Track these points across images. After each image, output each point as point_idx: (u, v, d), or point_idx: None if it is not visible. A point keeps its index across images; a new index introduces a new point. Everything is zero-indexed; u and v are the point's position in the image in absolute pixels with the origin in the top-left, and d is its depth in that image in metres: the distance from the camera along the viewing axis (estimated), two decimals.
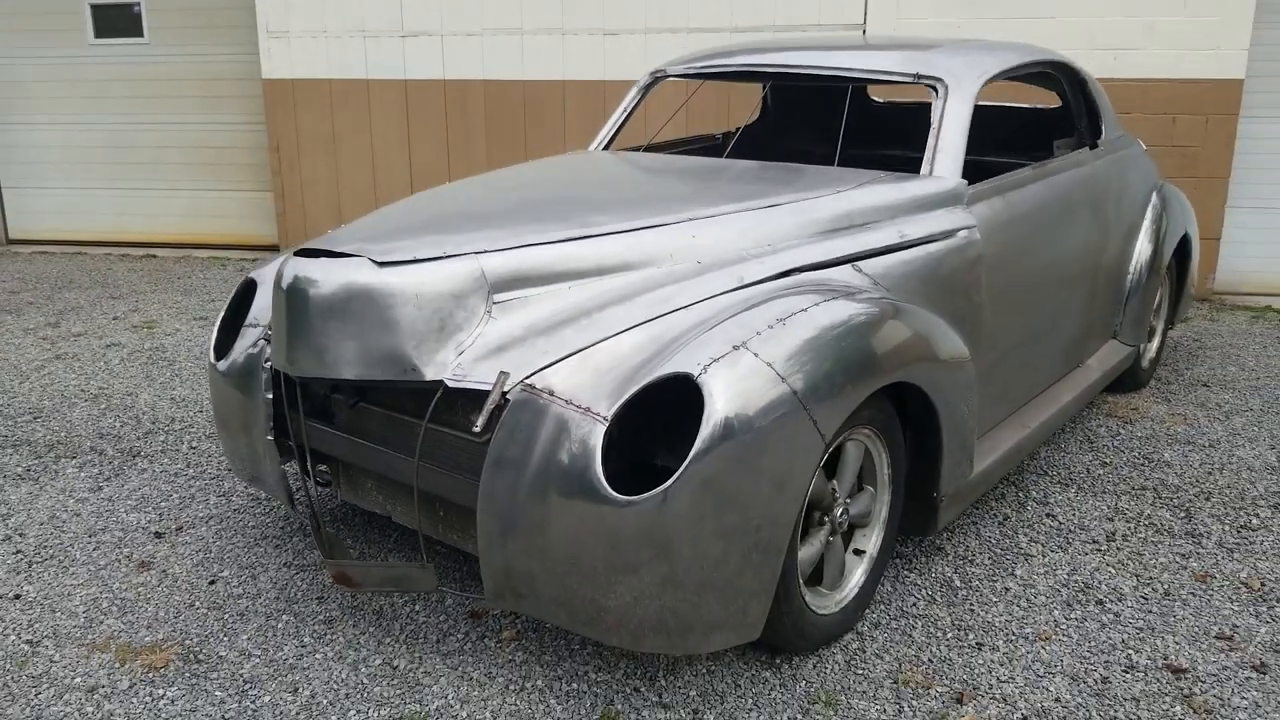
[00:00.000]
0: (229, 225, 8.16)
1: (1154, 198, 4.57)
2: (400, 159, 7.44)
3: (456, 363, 2.55)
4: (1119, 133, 4.49)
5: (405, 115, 7.37)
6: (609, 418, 2.32)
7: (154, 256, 7.98)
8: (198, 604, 2.95)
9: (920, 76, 3.43)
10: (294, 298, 2.61)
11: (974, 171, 4.51)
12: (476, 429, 2.42)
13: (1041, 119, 4.78)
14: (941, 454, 2.91)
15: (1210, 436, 4.22)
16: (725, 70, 3.87)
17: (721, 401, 2.28)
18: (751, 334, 2.43)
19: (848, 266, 2.91)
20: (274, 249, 8.01)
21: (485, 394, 2.48)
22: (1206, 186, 6.25)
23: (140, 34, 7.92)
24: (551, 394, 2.40)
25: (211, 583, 3.07)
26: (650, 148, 4.30)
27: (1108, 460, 3.99)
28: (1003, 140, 4.80)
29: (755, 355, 2.37)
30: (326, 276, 2.58)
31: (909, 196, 3.15)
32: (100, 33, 7.99)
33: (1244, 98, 6.16)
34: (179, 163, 8.12)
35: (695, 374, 2.31)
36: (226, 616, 2.89)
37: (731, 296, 2.69)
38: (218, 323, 3.22)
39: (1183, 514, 3.54)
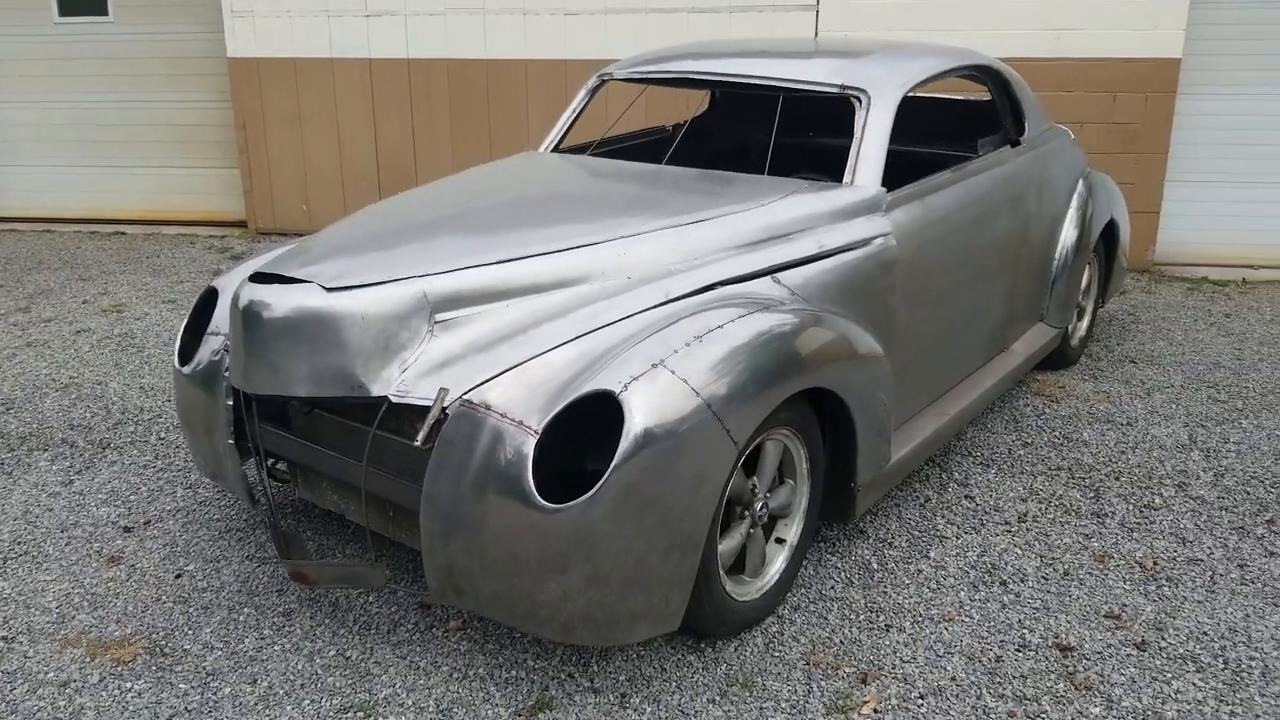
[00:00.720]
0: (197, 202, 8.27)
1: (1079, 185, 4.79)
2: (365, 137, 7.56)
3: (401, 379, 2.75)
4: (1045, 127, 4.69)
5: (370, 94, 7.46)
6: (540, 430, 2.53)
7: (123, 234, 8.09)
8: (164, 598, 3.17)
9: (845, 87, 3.61)
10: (249, 321, 2.79)
11: (904, 166, 4.70)
12: (418, 441, 2.62)
13: (973, 111, 4.97)
14: (856, 448, 3.14)
15: (1129, 414, 4.47)
16: (667, 76, 4.03)
17: (640, 416, 2.48)
18: (670, 351, 2.63)
19: (768, 278, 3.11)
20: (241, 225, 8.13)
21: (427, 409, 2.68)
22: (1146, 162, 6.45)
23: (105, 12, 7.96)
24: (488, 408, 2.60)
25: (177, 576, 3.29)
26: (602, 144, 4.46)
27: (1029, 440, 4.23)
28: (934, 132, 4.98)
29: (672, 372, 2.58)
30: (279, 301, 2.76)
31: (829, 208, 3.35)
32: (65, 10, 8.02)
33: (1181, 75, 6.34)
34: (147, 140, 8.20)
35: (617, 391, 2.52)
36: (191, 610, 3.11)
37: (658, 311, 2.89)
38: (182, 328, 3.41)
39: (1092, 494, 3.79)
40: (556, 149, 4.30)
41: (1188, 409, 4.52)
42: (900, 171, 4.58)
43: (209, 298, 3.43)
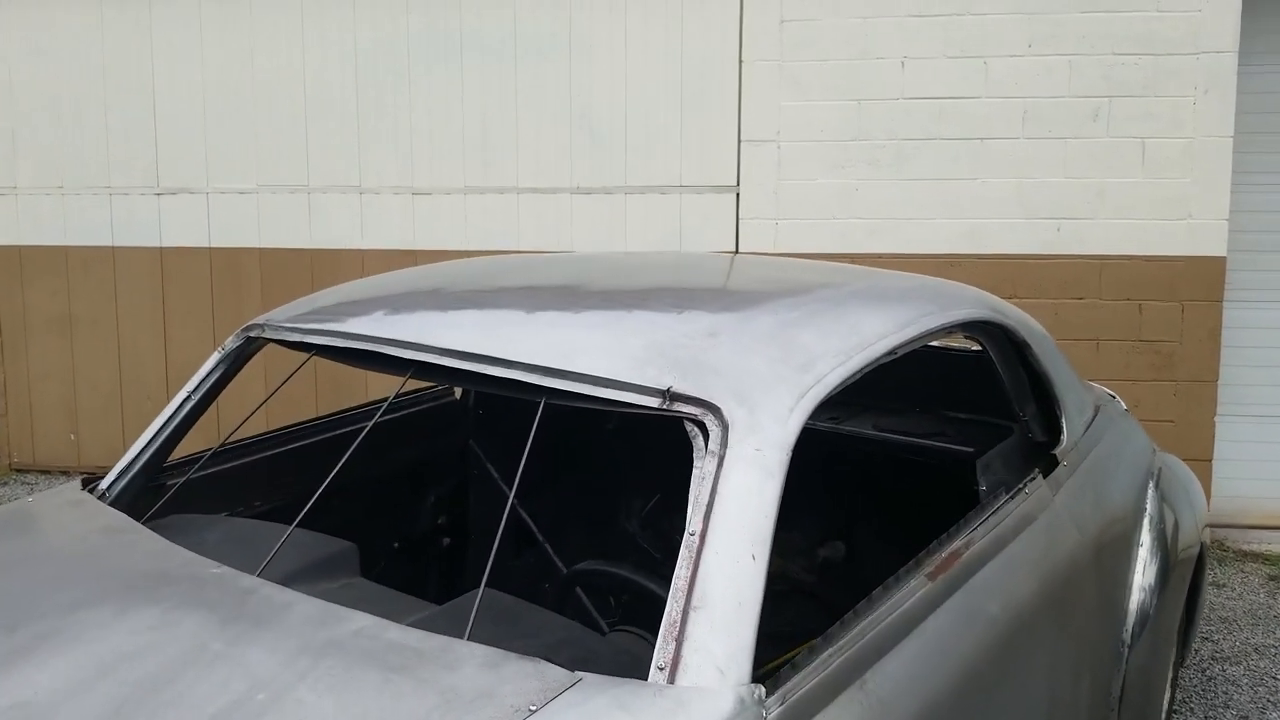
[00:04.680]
0: None
1: (1150, 501, 2.79)
2: (153, 346, 5.73)
3: None
4: (1089, 412, 2.79)
5: (160, 291, 5.69)
6: None
7: None
8: None
9: (672, 399, 1.70)
10: None
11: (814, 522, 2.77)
12: None
13: (961, 373, 3.09)
14: None
15: None
16: (345, 346, 2.12)
17: None
18: None
19: None
20: None
21: None
22: (1189, 394, 4.76)
23: None
24: None
25: None
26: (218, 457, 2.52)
27: None
28: (887, 412, 3.08)
29: None
30: None
31: None
32: None
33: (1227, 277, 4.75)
34: None
35: None
36: None
37: None
38: None
39: None
40: (112, 488, 2.28)
41: None
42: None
43: None
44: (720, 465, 1.59)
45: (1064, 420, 2.50)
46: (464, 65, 5.23)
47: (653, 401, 1.70)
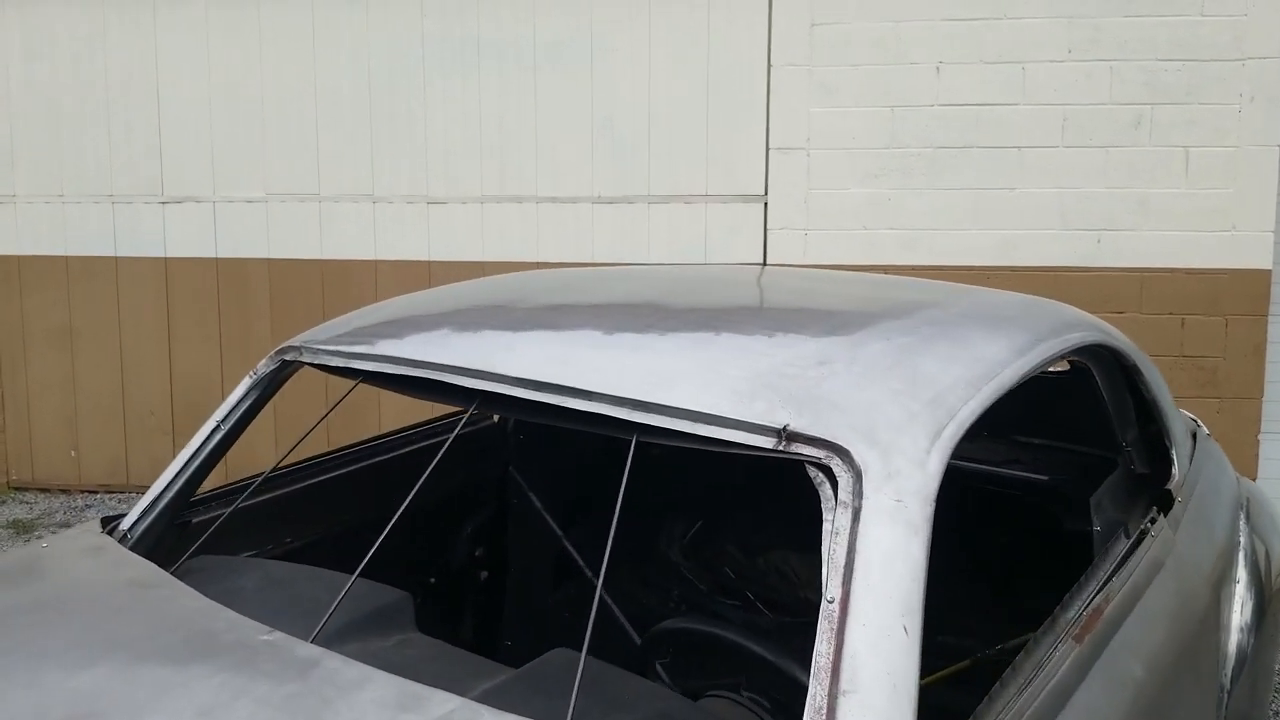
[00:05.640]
0: None
1: (1242, 538, 2.59)
2: (157, 359, 5.54)
3: None
4: (1189, 442, 2.56)
5: (165, 303, 5.51)
6: None
7: None
8: None
9: (789, 438, 1.50)
10: None
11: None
12: None
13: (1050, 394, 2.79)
14: None
15: None
16: (398, 372, 1.91)
17: None
18: None
19: None
20: None
21: None
22: (1233, 411, 4.61)
23: None
24: None
25: None
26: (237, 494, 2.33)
27: None
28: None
29: None
30: None
31: None
32: None
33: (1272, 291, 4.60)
34: None
35: None
36: None
37: None
38: None
39: None
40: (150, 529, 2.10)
41: None
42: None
43: None
44: (856, 519, 1.40)
45: (1174, 451, 2.33)
46: (481, 71, 5.06)
47: (765, 442, 1.49)
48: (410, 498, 1.82)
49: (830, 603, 1.36)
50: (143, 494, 2.19)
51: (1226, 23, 4.46)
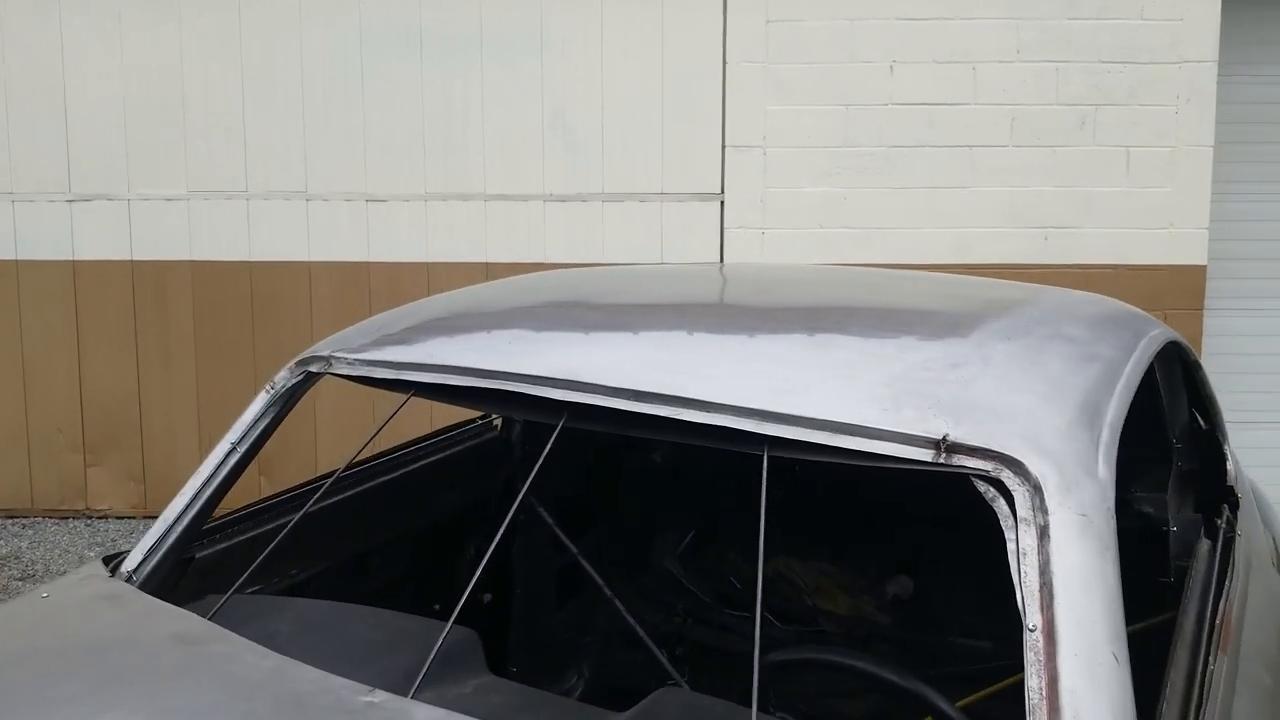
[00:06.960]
0: None
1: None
2: (66, 375, 5.11)
3: None
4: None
5: (74, 312, 5.08)
6: None
7: None
8: None
9: (949, 449, 1.40)
10: None
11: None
12: None
13: None
14: None
15: None
16: (449, 382, 1.75)
17: None
18: None
19: None
20: None
21: None
22: None
23: None
24: None
25: None
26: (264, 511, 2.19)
27: None
28: None
29: None
30: None
31: None
32: None
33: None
34: None
35: None
36: None
37: None
38: None
39: None
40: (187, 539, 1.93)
41: None
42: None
43: None
44: (1044, 537, 1.32)
45: (1227, 448, 2.36)
46: (424, 61, 4.84)
47: (922, 454, 1.39)
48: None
49: (1032, 632, 1.28)
50: (50, 519, 1.95)
51: (1164, 27, 4.62)
